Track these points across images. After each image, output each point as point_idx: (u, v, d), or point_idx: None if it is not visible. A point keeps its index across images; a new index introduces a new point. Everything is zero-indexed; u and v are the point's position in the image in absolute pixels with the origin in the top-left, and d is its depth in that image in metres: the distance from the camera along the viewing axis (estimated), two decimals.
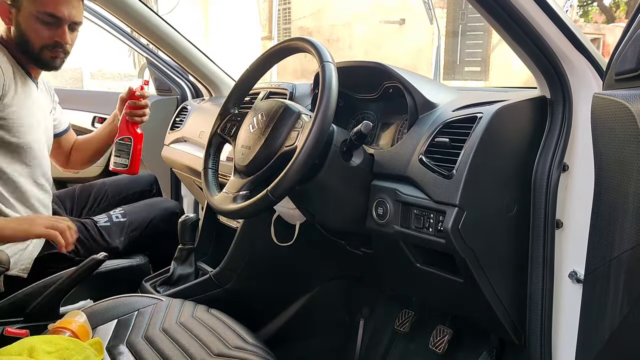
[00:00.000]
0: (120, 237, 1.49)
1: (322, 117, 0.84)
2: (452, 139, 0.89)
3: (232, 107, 1.12)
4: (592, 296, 0.79)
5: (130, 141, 1.49)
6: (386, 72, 1.07)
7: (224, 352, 0.92)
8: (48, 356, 0.79)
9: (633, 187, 0.66)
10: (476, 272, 0.87)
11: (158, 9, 5.44)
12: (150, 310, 1.05)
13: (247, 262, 1.38)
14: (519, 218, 0.91)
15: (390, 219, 0.95)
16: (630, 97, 0.67)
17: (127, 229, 1.52)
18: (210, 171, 1.09)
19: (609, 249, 0.72)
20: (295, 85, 1.39)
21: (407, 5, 8.07)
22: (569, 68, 0.89)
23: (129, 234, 1.52)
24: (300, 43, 0.96)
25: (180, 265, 1.49)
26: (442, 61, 7.06)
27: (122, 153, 1.50)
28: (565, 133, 0.90)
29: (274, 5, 9.01)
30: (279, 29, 9.19)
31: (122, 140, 1.49)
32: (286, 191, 0.86)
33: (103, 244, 1.44)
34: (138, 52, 2.29)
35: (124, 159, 1.49)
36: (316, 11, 8.78)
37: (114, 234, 1.49)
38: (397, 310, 1.35)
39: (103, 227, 1.47)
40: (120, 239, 1.49)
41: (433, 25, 3.42)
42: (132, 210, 1.58)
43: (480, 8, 0.86)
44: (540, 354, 0.93)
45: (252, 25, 9.01)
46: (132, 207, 1.62)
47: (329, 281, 1.48)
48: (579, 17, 10.77)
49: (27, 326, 1.12)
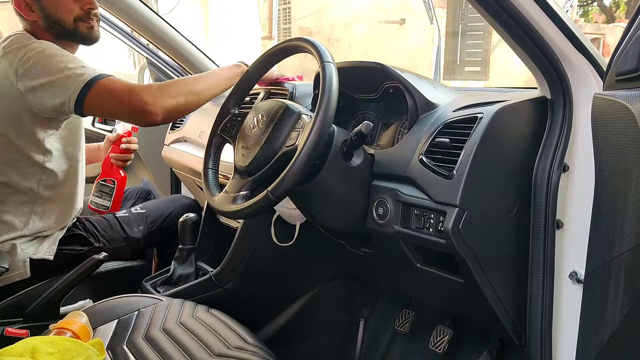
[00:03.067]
0: (139, 227, 1.51)
1: (323, 117, 0.84)
2: (453, 139, 0.89)
3: (233, 107, 1.12)
4: (592, 296, 0.79)
5: (113, 184, 1.51)
6: (386, 72, 1.07)
7: (225, 352, 0.92)
8: (50, 357, 0.79)
9: (633, 188, 0.66)
10: (476, 272, 0.87)
11: (158, 9, 5.43)
12: (150, 310, 1.05)
13: (247, 262, 1.38)
14: (519, 218, 0.91)
15: (390, 219, 0.95)
16: (630, 97, 0.67)
17: (146, 220, 1.54)
18: (211, 171, 1.09)
19: (610, 249, 0.72)
20: (296, 86, 1.39)
21: (407, 5, 8.07)
22: (569, 68, 0.89)
23: (147, 225, 1.54)
24: (300, 43, 0.96)
25: (181, 265, 1.49)
26: (442, 61, 7.06)
27: (103, 194, 1.51)
28: (566, 133, 0.90)
29: (274, 5, 9.00)
30: (279, 29, 9.18)
31: (105, 182, 1.51)
32: (287, 191, 0.86)
33: (122, 234, 1.46)
34: (138, 52, 2.29)
35: (105, 200, 1.52)
36: (316, 11, 8.78)
37: (133, 224, 1.51)
38: (397, 310, 1.35)
39: (122, 217, 1.50)
40: (139, 228, 1.51)
41: (433, 25, 3.42)
42: (151, 205, 1.62)
43: (480, 8, 0.86)
44: (540, 354, 0.93)
45: (252, 25, 9.00)
46: (152, 202, 1.67)
47: (329, 281, 1.48)
48: (579, 17, 10.77)
49: (27, 326, 1.12)
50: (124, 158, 1.53)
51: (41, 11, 1.23)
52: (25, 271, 1.26)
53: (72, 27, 1.26)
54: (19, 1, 1.23)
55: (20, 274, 1.26)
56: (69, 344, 0.84)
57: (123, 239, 1.46)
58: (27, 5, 1.23)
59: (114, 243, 1.43)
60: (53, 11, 1.23)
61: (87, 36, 1.29)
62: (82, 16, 1.26)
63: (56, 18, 1.24)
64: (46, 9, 1.23)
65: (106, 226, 1.45)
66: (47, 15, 1.24)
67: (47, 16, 1.24)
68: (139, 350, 0.93)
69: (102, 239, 1.41)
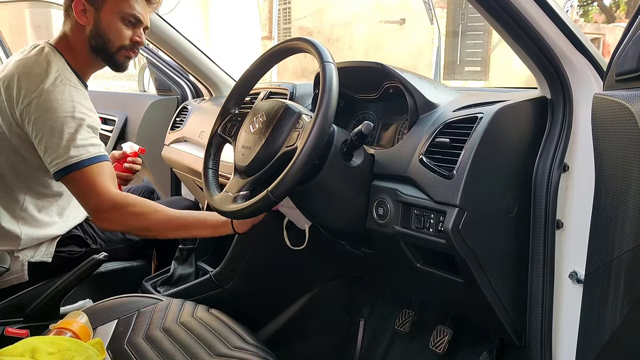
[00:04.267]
0: None
1: (323, 117, 0.84)
2: (453, 139, 0.89)
3: (233, 107, 1.12)
4: (592, 297, 0.79)
5: None
6: (386, 72, 1.07)
7: (225, 352, 0.92)
8: (50, 357, 0.79)
9: (633, 188, 0.66)
10: (476, 273, 0.87)
11: (158, 9, 5.43)
12: (150, 310, 1.05)
13: (247, 262, 1.38)
14: (519, 218, 0.91)
15: (390, 219, 0.95)
16: (630, 97, 0.67)
17: None
18: (211, 171, 1.09)
19: (610, 249, 0.72)
20: (296, 86, 1.39)
21: (407, 5, 8.07)
22: (570, 68, 0.89)
23: None
24: (300, 43, 0.96)
25: (181, 265, 1.49)
26: (442, 61, 7.06)
27: None
28: (566, 133, 0.90)
29: (274, 5, 9.01)
30: (279, 29, 9.19)
31: None
32: (287, 191, 0.86)
33: (120, 236, 1.45)
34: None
35: None
36: (316, 11, 8.78)
37: None
38: (397, 310, 1.35)
39: None
40: None
41: (433, 25, 3.43)
42: None
43: (480, 8, 0.86)
44: (540, 354, 0.93)
45: (252, 25, 9.01)
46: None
47: (329, 281, 1.48)
48: (579, 17, 10.77)
49: (27, 326, 1.12)
50: (126, 177, 1.51)
51: (94, 22, 1.22)
52: (24, 274, 1.26)
53: (114, 51, 1.25)
54: (77, 3, 1.20)
55: (19, 277, 1.25)
56: (69, 344, 0.84)
57: (121, 241, 1.45)
58: (83, 10, 1.21)
59: (112, 245, 1.43)
60: (105, 28, 1.22)
61: (119, 64, 1.28)
62: (127, 46, 1.26)
63: (105, 35, 1.22)
64: (100, 22, 1.21)
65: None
66: (97, 27, 1.22)
67: (97, 29, 1.22)
68: (139, 350, 0.93)
69: (99, 240, 1.40)
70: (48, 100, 1.13)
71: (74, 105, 1.15)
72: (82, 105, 1.17)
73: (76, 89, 1.18)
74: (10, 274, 1.23)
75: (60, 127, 1.12)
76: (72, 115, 1.14)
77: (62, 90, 1.14)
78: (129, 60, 1.30)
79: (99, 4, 1.21)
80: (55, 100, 1.13)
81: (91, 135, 1.17)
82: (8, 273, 1.19)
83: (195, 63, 1.95)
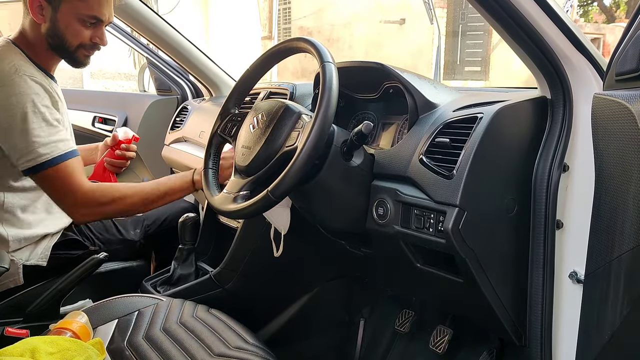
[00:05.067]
0: (135, 229, 1.50)
1: (323, 117, 0.84)
2: (453, 139, 0.89)
3: (233, 107, 1.12)
4: (592, 297, 0.79)
5: None
6: (386, 72, 1.07)
7: (225, 352, 0.92)
8: (50, 357, 0.79)
9: (633, 188, 0.66)
10: (476, 273, 0.87)
11: (158, 9, 5.43)
12: (150, 310, 1.05)
13: (247, 262, 1.38)
14: (519, 218, 0.91)
15: (390, 219, 0.95)
16: (630, 97, 0.67)
17: (143, 223, 1.53)
18: (211, 171, 1.09)
19: (610, 249, 0.72)
20: (296, 85, 1.39)
21: (407, 5, 8.07)
22: (569, 68, 0.89)
23: (144, 228, 1.52)
24: (300, 43, 0.96)
25: (181, 265, 1.49)
26: (442, 61, 7.06)
27: None
28: (566, 133, 0.90)
29: (274, 5, 9.01)
30: (279, 29, 9.18)
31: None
32: (287, 191, 0.86)
33: (118, 237, 1.45)
34: (138, 51, 2.29)
35: None
36: (316, 11, 8.78)
37: (129, 227, 1.49)
38: (397, 310, 1.35)
39: (118, 220, 1.48)
40: (135, 230, 1.49)
41: (433, 25, 3.43)
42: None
43: (480, 8, 0.86)
44: (540, 354, 0.93)
45: (252, 25, 9.01)
46: None
47: (329, 281, 1.48)
48: (579, 17, 10.77)
49: (27, 326, 1.12)
50: (118, 164, 1.50)
51: (51, 21, 1.18)
52: (19, 277, 1.24)
53: (72, 50, 1.22)
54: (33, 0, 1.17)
55: (15, 280, 1.23)
56: (69, 344, 0.84)
57: (119, 242, 1.44)
58: (40, 7, 1.17)
59: (110, 246, 1.41)
60: (62, 27, 1.18)
61: (79, 62, 1.25)
62: (86, 45, 1.23)
63: (62, 35, 1.19)
64: (57, 21, 1.18)
65: (101, 229, 1.43)
66: (54, 27, 1.18)
67: (54, 28, 1.18)
68: (139, 350, 0.93)
69: (97, 242, 1.39)
70: (5, 96, 1.10)
71: (32, 98, 1.12)
72: (43, 98, 1.14)
73: (36, 82, 1.15)
74: (6, 277, 1.22)
75: (22, 124, 1.10)
76: (34, 110, 1.11)
77: (19, 83, 1.11)
78: (89, 58, 1.27)
79: (56, 3, 1.17)
80: (13, 96, 1.11)
81: (57, 129, 1.15)
82: (4, 276, 1.17)
83: (195, 63, 1.95)
